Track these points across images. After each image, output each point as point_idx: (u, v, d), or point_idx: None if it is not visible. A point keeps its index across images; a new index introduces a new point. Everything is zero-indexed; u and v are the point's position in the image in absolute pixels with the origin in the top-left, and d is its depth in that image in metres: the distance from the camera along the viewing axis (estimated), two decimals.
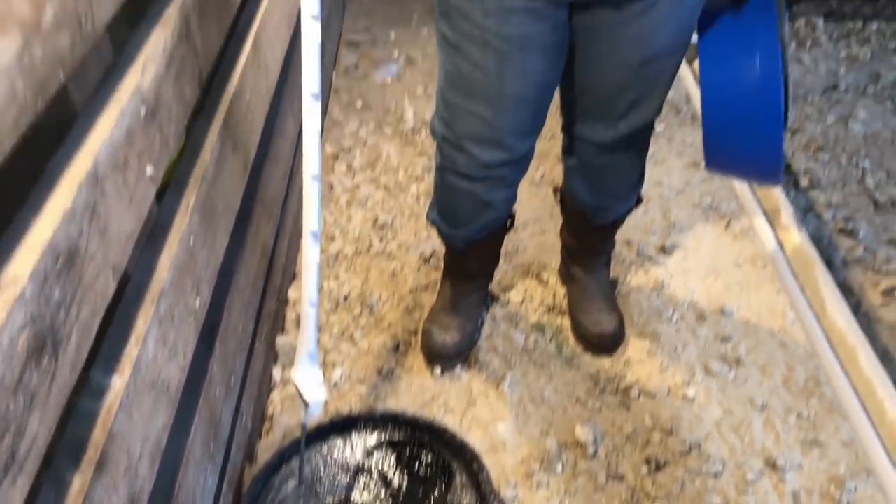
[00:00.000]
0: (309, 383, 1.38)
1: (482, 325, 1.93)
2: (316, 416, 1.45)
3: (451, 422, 1.70)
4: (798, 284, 1.98)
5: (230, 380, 1.40)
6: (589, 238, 1.85)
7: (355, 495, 1.57)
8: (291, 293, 2.02)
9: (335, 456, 1.63)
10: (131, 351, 0.94)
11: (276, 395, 1.78)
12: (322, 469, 1.60)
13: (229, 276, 1.41)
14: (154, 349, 1.00)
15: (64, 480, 0.81)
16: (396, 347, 1.90)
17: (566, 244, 1.92)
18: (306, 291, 1.28)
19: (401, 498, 1.56)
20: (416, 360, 1.87)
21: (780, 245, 2.10)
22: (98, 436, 0.85)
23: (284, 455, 1.58)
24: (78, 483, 0.81)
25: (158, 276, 1.03)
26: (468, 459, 1.58)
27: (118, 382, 0.90)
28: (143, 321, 0.98)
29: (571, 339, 1.89)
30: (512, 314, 1.97)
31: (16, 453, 0.68)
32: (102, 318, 0.85)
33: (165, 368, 1.04)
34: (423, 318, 1.90)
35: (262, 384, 1.72)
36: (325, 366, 1.85)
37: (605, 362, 1.84)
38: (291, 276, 2.05)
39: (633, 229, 2.16)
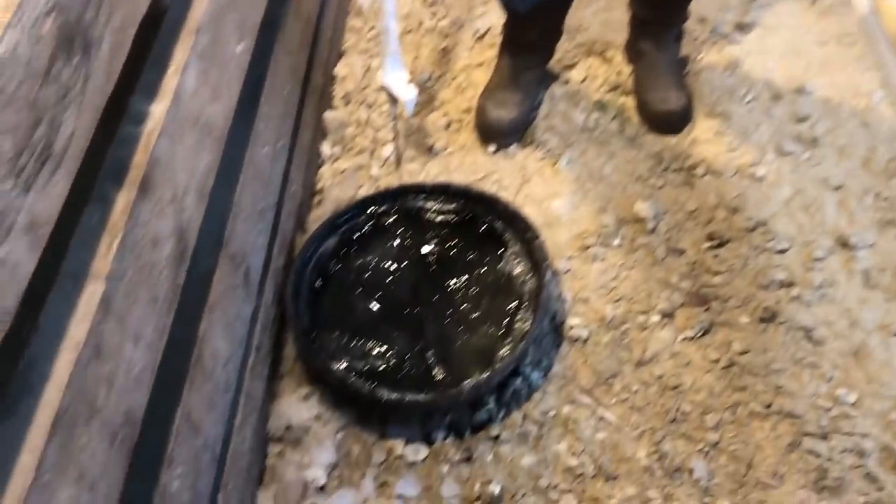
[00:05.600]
0: (398, 83, 1.56)
1: (540, 103, 1.86)
2: (409, 112, 1.63)
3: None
4: None
5: (277, 142, 1.45)
6: (662, 5, 1.80)
7: (405, 264, 1.57)
8: (339, 69, 2.00)
9: (385, 225, 1.63)
10: (170, 80, 1.00)
11: (325, 170, 1.74)
12: (371, 239, 1.61)
13: (273, 31, 1.48)
14: (195, 83, 1.07)
15: (108, 198, 0.87)
16: (448, 125, 1.82)
17: (636, 15, 1.85)
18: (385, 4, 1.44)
19: (451, 268, 1.56)
20: (470, 137, 1.82)
21: (878, 16, 2.00)
22: (140, 158, 0.92)
23: (336, 221, 1.60)
24: (122, 201, 0.87)
25: (196, 10, 1.09)
26: (521, 229, 1.57)
27: (158, 110, 0.97)
28: (182, 53, 1.04)
29: (635, 119, 1.85)
30: (572, 93, 1.91)
31: (52, 146, 0.73)
32: (141, 44, 0.93)
33: (208, 108, 1.11)
34: (478, 95, 1.83)
35: (311, 157, 1.73)
36: (375, 143, 1.85)
37: (669, 141, 1.81)
38: (338, 53, 2.05)
39: (709, 5, 2.09)
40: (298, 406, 1.48)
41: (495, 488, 1.37)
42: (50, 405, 0.77)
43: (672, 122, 1.88)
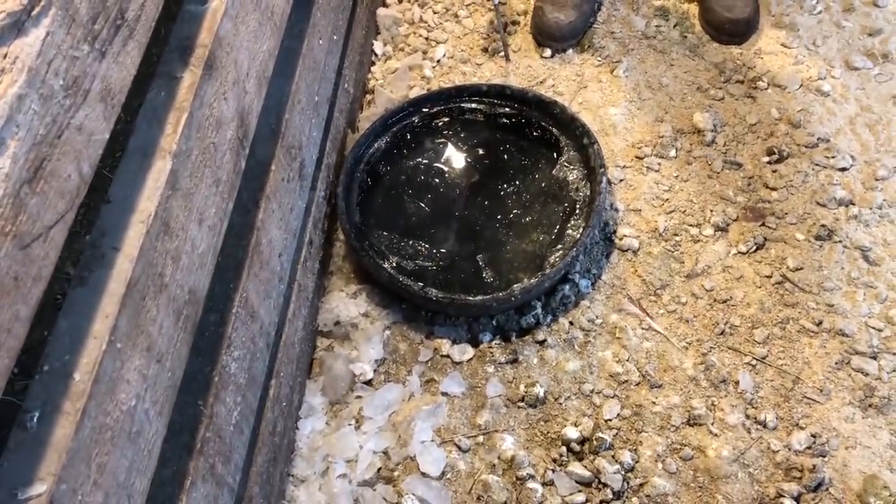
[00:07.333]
0: None
1: (599, 7, 1.88)
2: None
3: None
4: None
5: (332, 35, 1.49)
6: None
7: (456, 167, 1.61)
8: None
9: (438, 126, 1.66)
10: None
11: (377, 69, 1.80)
12: (423, 140, 1.65)
13: None
14: None
15: (174, 75, 0.90)
16: (504, 27, 1.84)
17: None
18: None
19: (503, 172, 1.59)
20: (526, 40, 1.83)
21: None
22: (205, 37, 0.94)
23: (389, 120, 1.63)
24: (188, 80, 0.90)
25: None
26: (578, 135, 1.58)
27: None
28: None
29: (697, 27, 1.85)
30: None
31: (125, 13, 0.76)
32: None
33: None
34: None
35: (364, 55, 1.78)
36: (427, 43, 1.84)
37: (733, 51, 1.80)
38: None
39: None
40: (347, 303, 1.49)
41: (539, 390, 1.39)
42: (122, 275, 0.78)
43: (736, 30, 1.81)
